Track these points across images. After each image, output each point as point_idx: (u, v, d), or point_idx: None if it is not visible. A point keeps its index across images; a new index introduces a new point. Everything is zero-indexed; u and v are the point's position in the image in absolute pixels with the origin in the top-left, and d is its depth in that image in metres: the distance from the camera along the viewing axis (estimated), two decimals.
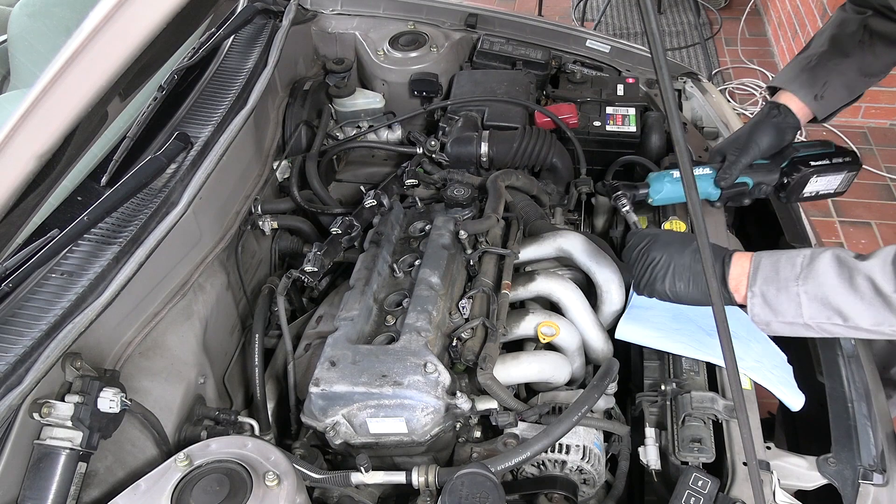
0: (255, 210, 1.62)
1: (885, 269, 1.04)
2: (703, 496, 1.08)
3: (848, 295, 1.06)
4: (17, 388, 0.98)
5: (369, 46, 2.09)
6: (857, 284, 1.06)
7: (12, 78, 1.80)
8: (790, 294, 1.10)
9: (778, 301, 1.11)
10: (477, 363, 1.27)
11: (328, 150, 1.89)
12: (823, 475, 1.18)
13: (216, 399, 1.41)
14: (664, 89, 0.70)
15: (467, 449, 1.29)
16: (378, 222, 1.59)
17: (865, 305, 1.06)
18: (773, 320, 1.13)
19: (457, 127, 1.81)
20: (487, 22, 2.18)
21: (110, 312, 1.14)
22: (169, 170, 1.32)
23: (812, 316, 1.10)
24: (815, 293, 1.09)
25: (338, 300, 1.47)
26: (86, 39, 0.88)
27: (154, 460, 1.18)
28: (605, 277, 1.48)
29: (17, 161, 0.92)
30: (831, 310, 1.08)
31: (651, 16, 0.66)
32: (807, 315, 1.10)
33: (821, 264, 1.09)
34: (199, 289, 1.41)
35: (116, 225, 1.22)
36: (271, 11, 1.82)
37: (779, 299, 1.11)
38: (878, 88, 3.65)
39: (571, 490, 1.26)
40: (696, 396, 1.24)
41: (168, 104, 1.51)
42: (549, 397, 1.38)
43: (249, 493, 1.01)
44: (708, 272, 0.80)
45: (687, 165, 0.75)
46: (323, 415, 1.23)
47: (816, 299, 1.09)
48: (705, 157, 1.80)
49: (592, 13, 4.84)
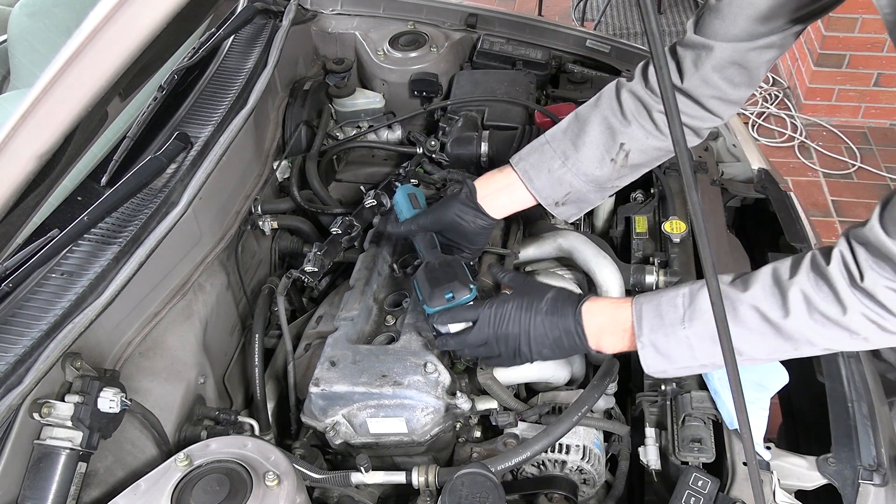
0: (255, 210, 1.62)
1: (767, 296, 0.99)
2: (703, 496, 1.08)
3: (735, 327, 0.97)
4: (17, 388, 0.98)
5: (369, 46, 2.09)
6: (743, 316, 1.00)
7: (12, 78, 1.80)
8: (679, 338, 1.05)
9: (668, 348, 1.07)
10: (477, 363, 1.27)
11: (328, 150, 1.89)
12: (823, 475, 1.18)
13: (216, 399, 1.41)
14: (664, 89, 0.70)
15: (467, 449, 1.29)
16: (378, 222, 1.59)
17: (756, 336, 1.01)
18: (668, 368, 1.09)
19: (457, 127, 1.81)
20: (487, 22, 2.17)
21: (110, 312, 1.14)
22: (169, 170, 1.32)
23: (706, 356, 1.05)
24: (702, 333, 1.03)
25: (338, 300, 1.47)
26: (86, 39, 0.88)
27: (154, 460, 1.18)
28: (605, 277, 1.48)
29: (17, 161, 0.92)
30: None
31: (651, 16, 0.65)
32: (700, 357, 1.05)
33: (702, 302, 1.03)
34: (199, 289, 1.41)
35: (116, 225, 1.22)
36: (271, 11, 1.82)
37: (669, 346, 1.06)
38: (879, 88, 3.65)
39: (571, 490, 1.26)
40: (696, 396, 1.24)
41: (168, 104, 1.50)
42: (549, 397, 1.38)
43: (249, 493, 1.01)
44: (708, 272, 0.80)
45: (687, 165, 0.74)
46: (323, 415, 1.23)
47: (706, 339, 1.03)
48: (705, 157, 1.80)
49: (592, 13, 4.84)
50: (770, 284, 1.00)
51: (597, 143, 1.27)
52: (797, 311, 0.97)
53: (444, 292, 1.21)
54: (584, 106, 1.32)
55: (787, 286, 0.98)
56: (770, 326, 1.00)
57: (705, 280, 0.90)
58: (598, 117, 1.28)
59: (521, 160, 1.33)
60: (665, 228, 1.56)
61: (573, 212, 1.35)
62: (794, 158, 3.64)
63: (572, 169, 1.29)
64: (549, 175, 1.30)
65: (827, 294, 0.96)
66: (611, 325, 1.13)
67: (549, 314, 1.15)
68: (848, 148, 3.66)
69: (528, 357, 1.18)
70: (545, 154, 1.31)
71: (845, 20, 3.47)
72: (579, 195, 1.32)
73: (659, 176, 1.70)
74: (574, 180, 1.29)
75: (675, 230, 1.55)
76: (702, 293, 1.04)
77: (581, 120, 1.30)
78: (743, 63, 1.18)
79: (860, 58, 3.58)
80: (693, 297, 1.05)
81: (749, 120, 3.83)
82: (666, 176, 1.70)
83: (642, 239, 1.62)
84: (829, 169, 3.57)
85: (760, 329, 1.00)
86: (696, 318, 1.04)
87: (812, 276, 0.97)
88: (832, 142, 3.72)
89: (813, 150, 3.67)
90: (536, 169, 1.31)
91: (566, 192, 1.31)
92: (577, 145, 1.28)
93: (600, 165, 1.28)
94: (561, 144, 1.30)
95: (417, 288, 1.25)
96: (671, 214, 1.60)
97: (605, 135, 1.27)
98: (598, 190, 1.32)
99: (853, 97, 3.73)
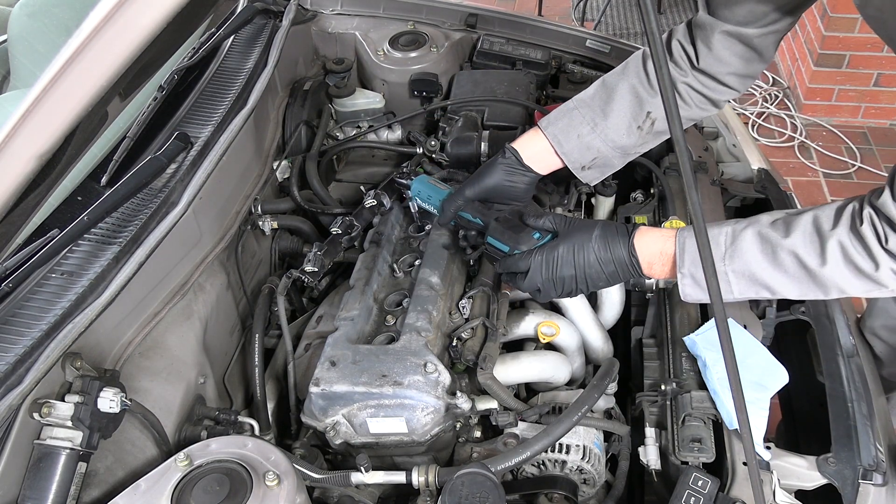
0: (255, 210, 1.62)
1: (807, 244, 1.05)
2: (703, 496, 1.08)
3: (773, 271, 1.08)
4: (17, 388, 0.98)
5: (369, 46, 2.09)
6: (782, 260, 1.07)
7: (12, 78, 1.80)
8: (718, 273, 1.09)
9: None
10: (477, 363, 1.28)
11: (328, 150, 1.89)
12: (823, 475, 1.18)
13: (216, 399, 1.41)
14: (664, 89, 0.70)
15: (467, 449, 1.29)
16: (378, 222, 1.59)
17: (790, 279, 1.08)
18: (703, 297, 1.15)
19: (457, 127, 1.81)
20: (487, 22, 2.17)
21: (110, 312, 1.14)
22: (169, 170, 1.32)
23: (741, 292, 1.12)
24: (741, 270, 1.10)
25: (338, 300, 1.47)
26: (86, 39, 0.88)
27: (154, 460, 1.18)
28: None
29: (17, 161, 0.92)
30: (759, 285, 1.10)
31: (651, 16, 0.66)
32: (736, 291, 1.12)
33: (744, 242, 1.10)
34: (199, 289, 1.41)
35: (116, 225, 1.22)
36: (271, 11, 1.82)
37: None
38: (879, 88, 3.65)
39: (571, 490, 1.26)
40: (696, 396, 1.24)
41: (168, 104, 1.50)
42: (549, 397, 1.38)
43: (249, 493, 1.01)
44: (708, 272, 0.80)
45: (687, 165, 0.75)
46: (323, 415, 1.23)
47: (744, 276, 1.10)
48: (705, 157, 1.80)
49: (592, 13, 4.84)
50: (811, 232, 1.05)
51: (625, 112, 1.33)
52: (834, 261, 1.04)
53: (531, 233, 1.25)
54: (611, 74, 1.37)
55: (827, 237, 1.04)
56: (806, 273, 1.06)
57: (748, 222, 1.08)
58: (625, 86, 1.33)
59: (551, 125, 1.39)
60: None
61: (596, 175, 1.42)
62: (794, 158, 3.64)
63: (601, 135, 1.35)
64: (578, 140, 1.36)
65: (861, 250, 1.02)
66: (659, 256, 1.18)
67: (600, 250, 1.19)
68: (848, 148, 3.66)
69: (584, 292, 1.26)
70: (574, 119, 1.36)
71: (845, 20, 3.47)
72: (605, 160, 1.38)
73: (659, 176, 1.70)
74: (602, 146, 1.36)
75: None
76: (744, 234, 1.10)
77: (609, 87, 1.35)
78: (752, 43, 1.25)
79: (860, 58, 3.58)
80: (735, 237, 1.11)
81: (749, 120, 3.83)
82: (666, 176, 1.70)
83: None
84: (829, 169, 3.57)
85: (797, 274, 1.07)
86: (735, 257, 1.10)
87: (849, 230, 1.03)
88: (832, 142, 3.72)
89: (813, 150, 3.67)
90: (565, 134, 1.36)
91: (593, 157, 1.37)
92: (605, 112, 1.34)
93: (628, 133, 1.35)
94: (589, 111, 1.35)
95: (497, 241, 1.28)
96: (671, 214, 1.60)
97: (633, 104, 1.33)
98: (622, 155, 1.39)
99: (853, 97, 3.73)
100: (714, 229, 1.13)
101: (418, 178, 1.53)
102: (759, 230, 1.09)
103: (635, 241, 1.18)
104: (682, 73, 1.33)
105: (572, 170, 1.39)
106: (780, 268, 1.07)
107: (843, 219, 1.04)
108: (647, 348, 1.44)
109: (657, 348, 1.43)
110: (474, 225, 1.38)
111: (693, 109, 1.37)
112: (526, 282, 1.24)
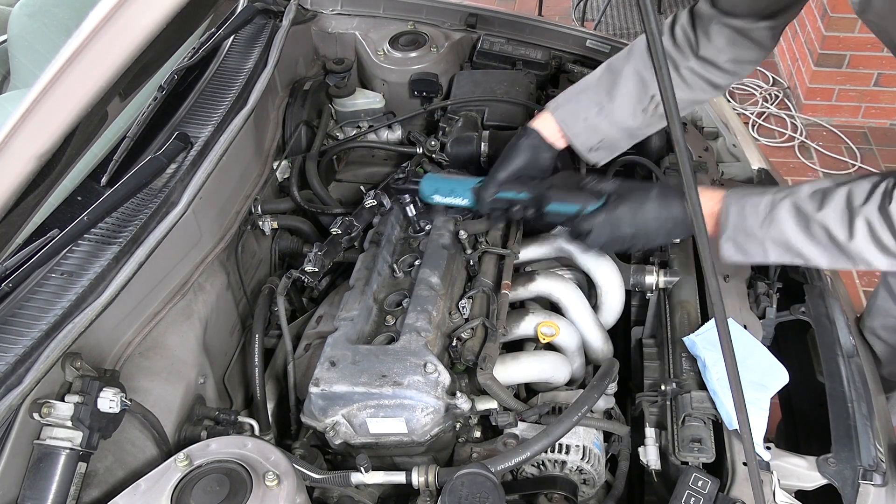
0: (255, 210, 1.62)
1: (837, 218, 1.11)
2: (703, 496, 1.08)
3: (806, 241, 1.15)
4: (17, 388, 0.98)
5: (369, 46, 2.09)
6: (814, 232, 1.14)
7: (12, 78, 1.80)
8: (757, 240, 1.19)
9: (747, 245, 1.21)
10: (477, 363, 1.27)
11: (328, 150, 1.89)
12: (823, 475, 1.18)
13: (216, 399, 1.41)
14: (664, 89, 0.70)
15: (467, 449, 1.29)
16: (378, 222, 1.59)
17: (821, 250, 1.15)
18: (743, 259, 1.24)
19: (457, 127, 1.81)
20: (487, 22, 2.17)
21: (110, 312, 1.14)
22: (169, 170, 1.32)
23: (777, 258, 1.20)
24: (777, 238, 1.17)
25: (338, 300, 1.47)
26: (86, 39, 0.88)
27: (154, 460, 1.18)
28: (605, 277, 1.48)
29: (17, 161, 0.92)
30: (793, 253, 1.18)
31: (651, 16, 0.66)
32: (772, 257, 1.20)
33: (781, 212, 1.16)
34: (199, 289, 1.41)
35: (116, 225, 1.22)
36: (271, 11, 1.82)
37: (748, 244, 1.21)
38: (879, 88, 3.65)
39: (571, 490, 1.26)
40: (696, 396, 1.24)
41: (168, 104, 1.51)
42: (549, 397, 1.38)
43: (249, 493, 1.01)
44: (708, 272, 0.80)
45: (687, 165, 0.75)
46: (323, 415, 1.23)
47: (779, 244, 1.18)
48: (705, 157, 1.80)
49: (592, 13, 4.83)
50: (842, 207, 1.11)
51: (630, 95, 1.39)
52: (861, 237, 1.10)
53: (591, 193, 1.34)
54: (616, 57, 1.43)
55: (856, 212, 1.10)
56: (835, 245, 1.13)
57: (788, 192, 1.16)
58: (630, 69, 1.39)
59: (559, 107, 1.45)
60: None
61: (604, 156, 1.50)
62: (794, 158, 3.64)
63: (607, 118, 1.41)
64: (584, 123, 1.42)
65: (886, 229, 1.08)
66: (709, 216, 1.25)
67: (659, 209, 1.28)
68: (848, 148, 3.66)
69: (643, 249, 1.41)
70: (580, 103, 1.43)
71: (845, 20, 3.47)
72: (612, 142, 1.45)
73: (659, 176, 1.70)
74: (608, 129, 1.42)
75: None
76: (782, 204, 1.17)
77: (614, 71, 1.41)
78: (750, 35, 1.30)
79: (860, 58, 3.58)
80: (773, 206, 1.18)
81: (749, 120, 3.83)
82: (666, 176, 1.70)
83: None
84: (830, 169, 3.57)
85: (827, 246, 1.14)
86: (772, 226, 1.17)
87: (878, 208, 1.08)
88: (832, 142, 3.72)
89: (813, 150, 3.67)
90: (573, 116, 1.43)
91: (600, 138, 1.44)
92: (611, 96, 1.40)
93: (633, 116, 1.41)
94: (595, 94, 1.42)
95: (561, 206, 1.36)
96: None
97: (637, 87, 1.38)
98: (629, 137, 1.46)
99: (853, 97, 3.73)
100: (755, 197, 1.20)
101: (426, 176, 1.54)
102: (796, 201, 1.16)
103: None
104: (684, 57, 1.37)
105: (581, 151, 1.46)
106: (812, 239, 1.14)
107: (875, 196, 1.09)
108: (647, 348, 1.44)
109: (657, 348, 1.43)
110: (520, 201, 1.42)
111: (696, 92, 1.42)
112: (591, 240, 1.33)
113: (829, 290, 1.46)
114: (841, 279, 1.61)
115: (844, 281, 1.67)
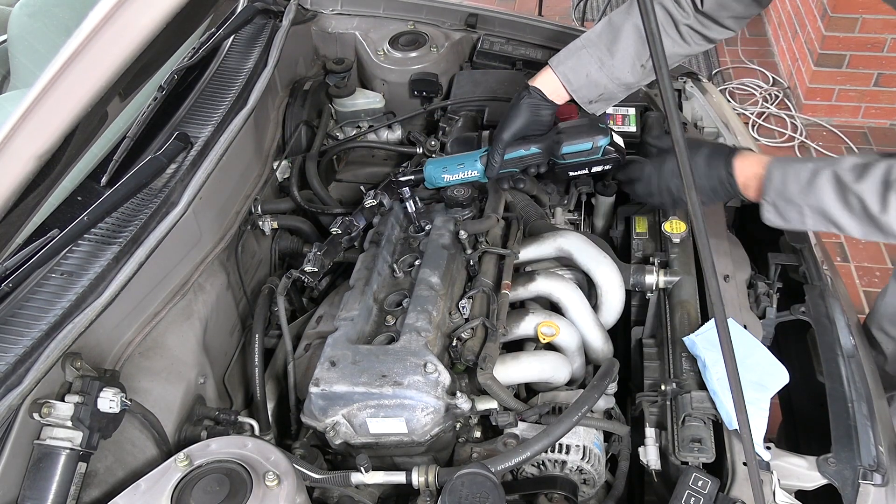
0: (255, 210, 1.62)
1: (873, 191, 1.14)
2: (703, 496, 1.08)
3: (842, 211, 1.19)
4: (17, 388, 0.98)
5: (369, 46, 2.09)
6: (850, 203, 1.17)
7: (12, 78, 1.80)
8: (796, 206, 1.24)
9: (787, 211, 1.26)
10: (477, 363, 1.27)
11: (328, 150, 1.89)
12: (823, 475, 1.18)
13: (216, 399, 1.41)
14: (664, 89, 0.70)
15: (467, 449, 1.29)
16: (378, 222, 1.59)
17: (856, 221, 1.18)
18: (783, 224, 1.29)
19: (457, 127, 1.81)
20: (487, 22, 2.17)
21: (110, 312, 1.14)
22: (169, 170, 1.32)
23: (814, 225, 1.25)
24: (816, 207, 1.22)
25: (338, 300, 1.47)
26: (86, 39, 0.88)
27: (154, 460, 1.18)
28: (605, 277, 1.48)
29: (17, 161, 0.92)
30: (829, 222, 1.22)
31: (651, 16, 0.66)
32: (809, 224, 1.25)
33: (821, 180, 1.20)
34: (199, 289, 1.41)
35: (116, 225, 1.22)
36: (271, 11, 1.82)
37: (787, 210, 1.26)
38: (879, 88, 3.65)
39: (571, 490, 1.26)
40: (696, 396, 1.24)
41: (168, 104, 1.50)
42: (549, 397, 1.38)
43: (249, 493, 1.01)
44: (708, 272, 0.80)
45: (686, 165, 0.75)
46: (323, 415, 1.23)
47: (817, 212, 1.22)
48: None
49: (592, 13, 4.84)
50: (880, 181, 1.14)
51: (629, 51, 1.44)
52: (893, 211, 1.13)
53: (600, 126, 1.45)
54: (617, 12, 1.48)
55: (892, 186, 1.13)
56: (868, 217, 1.17)
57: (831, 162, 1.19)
58: (630, 25, 1.43)
59: (561, 63, 1.49)
60: (665, 229, 1.56)
61: (602, 107, 1.56)
62: None
63: (608, 73, 1.46)
64: (586, 78, 1.48)
65: None
66: (754, 179, 1.30)
67: (706, 167, 1.33)
68: (848, 148, 3.66)
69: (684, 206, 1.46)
70: (582, 59, 1.47)
71: (845, 20, 3.47)
72: (610, 94, 1.51)
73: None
74: (608, 83, 1.48)
75: (675, 230, 1.55)
76: (823, 173, 1.20)
77: (615, 27, 1.45)
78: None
79: (860, 58, 3.58)
80: (815, 174, 1.21)
81: (749, 120, 3.83)
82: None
83: (642, 239, 1.62)
84: None
85: (861, 217, 1.18)
86: (812, 193, 1.21)
87: None
88: (832, 142, 3.72)
89: (813, 150, 3.67)
90: (575, 72, 1.47)
91: (600, 92, 1.50)
92: (612, 51, 1.45)
93: (632, 71, 1.46)
94: (597, 50, 1.46)
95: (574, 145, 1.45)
96: (671, 214, 1.60)
97: (637, 43, 1.43)
98: (626, 90, 1.52)
99: (853, 97, 3.73)
100: (798, 164, 1.25)
101: (428, 162, 1.58)
102: (837, 171, 1.19)
103: (736, 163, 1.32)
104: (684, 15, 1.42)
105: (580, 104, 1.52)
106: (848, 208, 1.18)
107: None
108: (647, 348, 1.44)
109: (657, 348, 1.43)
110: (531, 156, 1.49)
111: (692, 47, 1.48)
112: (640, 187, 1.43)
113: (829, 290, 1.45)
114: (841, 279, 1.60)
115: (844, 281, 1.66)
